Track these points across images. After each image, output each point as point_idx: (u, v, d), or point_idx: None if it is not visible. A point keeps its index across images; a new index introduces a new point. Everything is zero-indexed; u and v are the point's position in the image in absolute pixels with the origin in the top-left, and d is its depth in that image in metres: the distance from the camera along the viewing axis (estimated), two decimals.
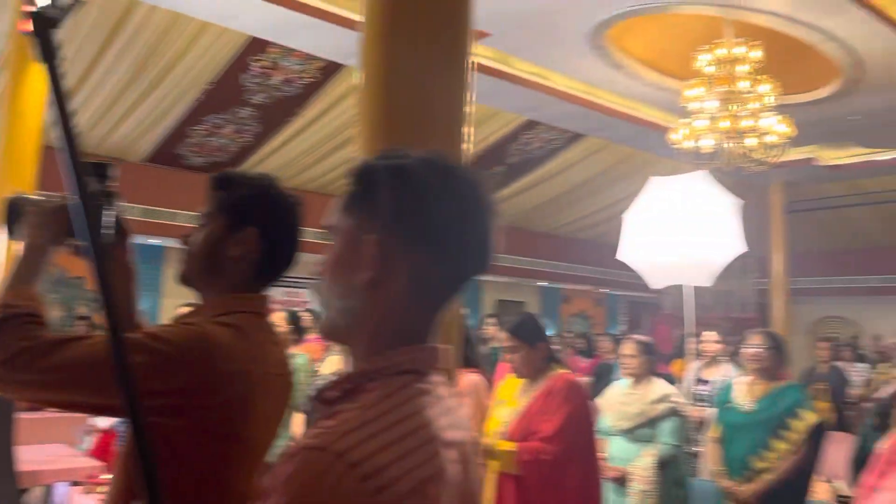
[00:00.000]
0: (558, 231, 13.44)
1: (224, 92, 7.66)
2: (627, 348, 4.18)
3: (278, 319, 4.23)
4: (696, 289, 15.50)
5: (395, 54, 2.26)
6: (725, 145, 6.35)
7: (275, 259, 1.43)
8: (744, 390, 3.98)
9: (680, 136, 6.67)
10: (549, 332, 2.95)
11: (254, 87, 7.74)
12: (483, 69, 6.54)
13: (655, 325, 16.25)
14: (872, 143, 9.19)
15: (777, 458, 3.69)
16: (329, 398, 0.90)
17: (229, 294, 1.39)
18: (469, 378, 3.16)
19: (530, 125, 9.50)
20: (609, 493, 4.13)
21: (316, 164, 9.33)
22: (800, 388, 4.23)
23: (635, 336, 4.27)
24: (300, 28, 6.18)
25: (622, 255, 5.12)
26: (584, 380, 5.80)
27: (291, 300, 9.36)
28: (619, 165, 10.93)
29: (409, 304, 0.92)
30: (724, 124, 6.24)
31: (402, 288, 0.91)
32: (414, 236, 0.91)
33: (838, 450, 5.01)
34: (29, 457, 4.11)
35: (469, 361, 3.23)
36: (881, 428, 3.33)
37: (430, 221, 0.91)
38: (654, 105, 8.43)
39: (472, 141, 2.28)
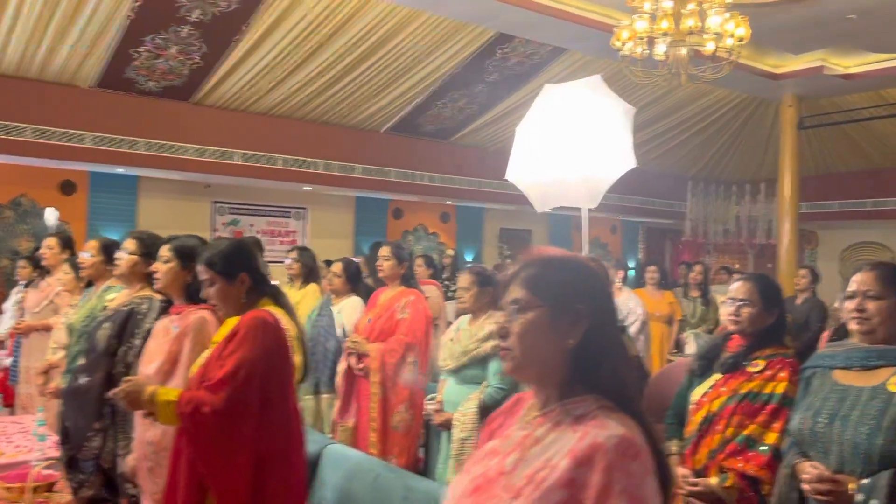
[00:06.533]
0: None
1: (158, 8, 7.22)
2: (462, 280, 3.67)
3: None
4: (716, 212, 14.17)
5: None
6: (668, 48, 5.58)
7: None
8: None
9: (627, 38, 5.93)
10: (256, 261, 2.47)
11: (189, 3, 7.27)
12: None
13: (677, 253, 15.45)
14: (878, 48, 8.09)
15: None
16: None
17: None
18: (196, 314, 2.73)
19: (504, 39, 8.79)
20: (439, 440, 3.73)
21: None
22: None
23: (473, 266, 3.76)
24: None
25: (509, 174, 4.52)
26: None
27: None
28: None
29: None
30: (686, 25, 5.45)
31: None
32: None
33: None
34: None
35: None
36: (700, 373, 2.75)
37: None
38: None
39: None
